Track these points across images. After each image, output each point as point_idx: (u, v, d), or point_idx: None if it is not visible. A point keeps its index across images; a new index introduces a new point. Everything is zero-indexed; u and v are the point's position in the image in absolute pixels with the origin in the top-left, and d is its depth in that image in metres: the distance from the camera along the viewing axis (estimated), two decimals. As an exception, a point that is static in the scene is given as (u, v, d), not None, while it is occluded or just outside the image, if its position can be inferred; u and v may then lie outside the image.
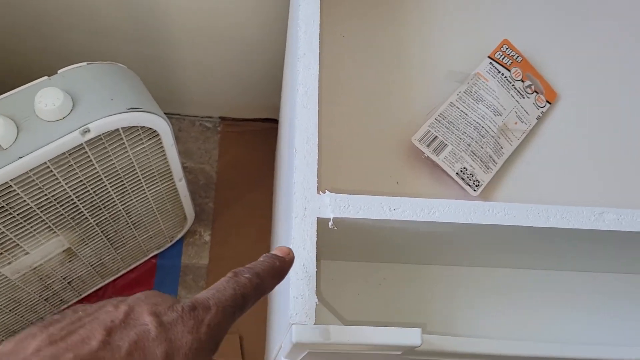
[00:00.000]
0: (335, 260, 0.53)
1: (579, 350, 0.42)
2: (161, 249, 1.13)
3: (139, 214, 0.91)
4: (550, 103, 0.61)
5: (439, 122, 0.57)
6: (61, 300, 0.97)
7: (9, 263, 0.73)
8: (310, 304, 0.37)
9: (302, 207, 0.40)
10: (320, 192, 0.41)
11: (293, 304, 0.37)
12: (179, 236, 1.10)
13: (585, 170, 0.58)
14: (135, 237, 1.00)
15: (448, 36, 0.63)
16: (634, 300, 0.56)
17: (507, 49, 0.61)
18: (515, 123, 0.59)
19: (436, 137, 0.56)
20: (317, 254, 0.39)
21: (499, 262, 0.54)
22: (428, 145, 0.56)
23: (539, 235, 0.44)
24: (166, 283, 1.13)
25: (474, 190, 0.55)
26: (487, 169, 0.56)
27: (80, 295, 1.02)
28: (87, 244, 0.86)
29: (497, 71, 0.60)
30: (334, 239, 0.47)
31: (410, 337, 0.38)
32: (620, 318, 0.54)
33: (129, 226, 0.94)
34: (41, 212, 0.69)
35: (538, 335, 0.54)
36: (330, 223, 0.40)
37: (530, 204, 0.42)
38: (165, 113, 0.72)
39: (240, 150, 1.23)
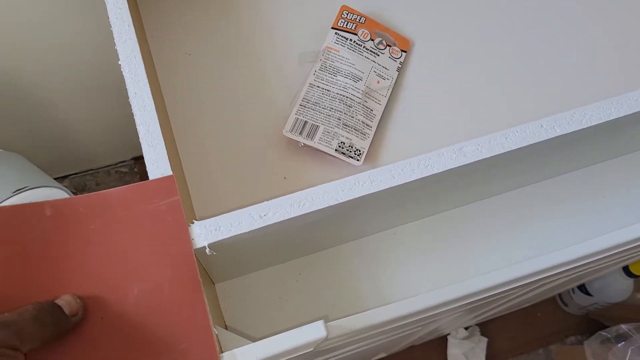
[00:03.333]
0: (247, 274, 0.53)
1: (478, 284, 0.43)
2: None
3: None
4: (405, 51, 0.62)
5: (304, 107, 0.57)
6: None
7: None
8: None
9: (175, 245, 0.40)
10: (189, 223, 0.41)
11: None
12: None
13: (453, 105, 0.60)
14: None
15: (289, 20, 0.63)
16: (525, 213, 0.58)
17: (347, 14, 0.61)
18: (378, 82, 0.59)
19: (306, 122, 0.56)
20: (213, 278, 0.39)
21: (400, 219, 0.55)
22: (300, 133, 0.56)
23: (415, 188, 0.45)
24: None
25: (358, 160, 0.56)
26: (364, 135, 0.57)
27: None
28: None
29: (344, 39, 0.60)
30: (228, 258, 0.47)
31: (314, 332, 0.39)
32: (509, 237, 0.56)
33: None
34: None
35: (465, 272, 0.55)
36: (207, 250, 0.40)
37: (392, 164, 0.43)
38: (76, 174, 0.71)
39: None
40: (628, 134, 0.54)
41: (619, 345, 0.91)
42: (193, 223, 0.41)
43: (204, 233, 0.41)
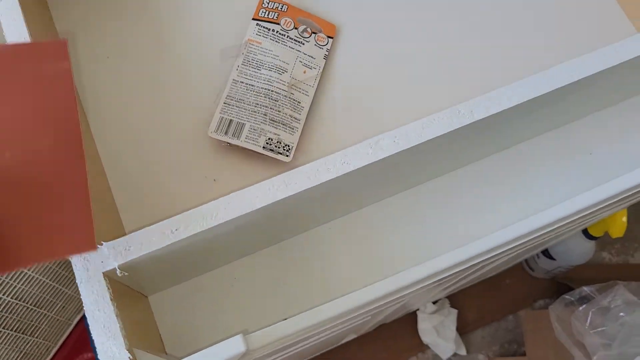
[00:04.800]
0: (180, 282, 0.52)
1: (420, 272, 0.42)
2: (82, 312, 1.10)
3: (35, 294, 0.87)
4: (332, 37, 0.60)
5: (229, 105, 0.55)
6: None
7: None
8: (123, 361, 0.36)
9: (84, 269, 0.39)
10: (98, 244, 0.39)
11: (106, 371, 0.36)
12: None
13: (385, 91, 0.58)
14: (46, 314, 0.97)
15: (208, 14, 0.61)
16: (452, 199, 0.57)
17: (269, 3, 0.59)
18: (304, 72, 0.57)
19: (231, 120, 0.54)
20: (144, 290, 0.37)
21: (330, 215, 0.54)
22: (226, 132, 0.54)
23: (335, 187, 0.44)
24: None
25: (287, 156, 0.54)
26: (292, 129, 0.55)
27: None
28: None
29: (266, 30, 0.58)
30: (149, 273, 0.45)
31: (232, 347, 0.38)
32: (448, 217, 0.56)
33: (31, 309, 0.90)
34: None
35: (412, 259, 0.54)
36: (117, 272, 0.39)
37: (306, 165, 0.42)
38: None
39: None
40: (546, 112, 0.53)
41: (581, 308, 0.92)
42: (102, 245, 0.39)
43: (113, 255, 0.39)
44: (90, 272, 0.39)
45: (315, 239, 0.54)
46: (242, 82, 0.56)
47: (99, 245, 0.39)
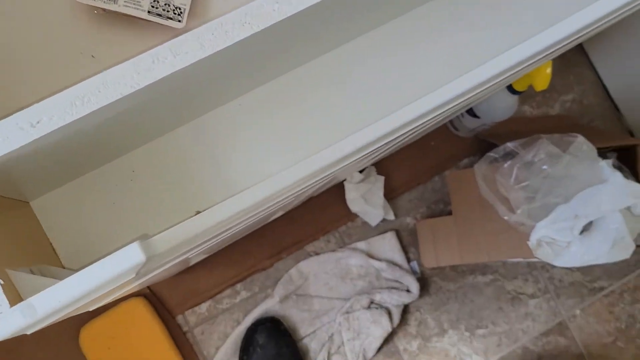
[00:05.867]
0: (70, 181, 0.44)
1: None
2: None
3: None
4: None
5: (98, -40, 0.44)
6: None
7: None
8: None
9: None
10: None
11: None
12: None
13: None
14: None
15: None
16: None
17: None
18: None
19: (103, -20, 0.44)
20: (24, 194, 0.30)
21: (238, 90, 0.46)
22: (99, -4, 0.43)
23: (237, 54, 0.36)
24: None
25: (179, 22, 0.45)
26: (182, -13, 0.45)
27: None
28: None
29: None
30: (25, 172, 0.37)
31: (129, 257, 0.31)
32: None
33: None
34: None
35: (335, 132, 0.49)
36: (-32, 182, 0.31)
37: (199, 28, 0.33)
38: None
39: None
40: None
41: (506, 165, 0.92)
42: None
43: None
44: None
45: (223, 118, 0.46)
46: None
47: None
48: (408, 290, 1.15)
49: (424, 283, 1.19)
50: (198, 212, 0.43)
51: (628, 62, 1.22)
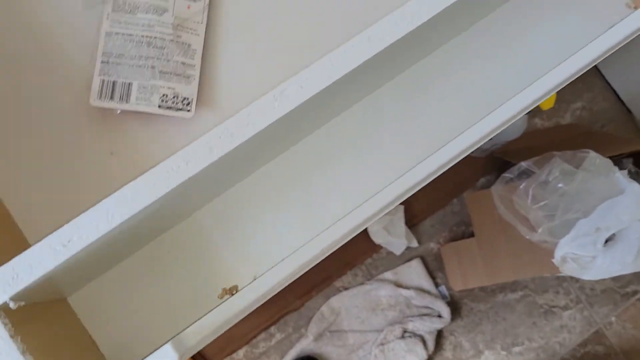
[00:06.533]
0: (97, 277, 0.47)
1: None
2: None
3: None
4: (212, -41, 0.51)
5: (107, 63, 0.47)
6: None
7: None
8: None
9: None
10: (-21, 279, 0.33)
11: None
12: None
13: (288, 14, 0.51)
14: None
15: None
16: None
17: None
18: (189, 7, 0.49)
19: (114, 82, 0.47)
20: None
21: (251, 169, 0.48)
22: (112, 97, 0.46)
23: (249, 145, 0.38)
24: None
25: (188, 112, 0.48)
26: (188, 78, 0.48)
27: None
28: None
29: (132, -37, 0.48)
30: (60, 281, 0.40)
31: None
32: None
33: None
34: None
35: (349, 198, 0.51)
36: (11, 305, 0.33)
37: (207, 135, 0.36)
38: None
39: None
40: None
41: (521, 186, 0.93)
42: (-17, 278, 0.33)
43: (1, 286, 0.33)
44: (-22, 310, 0.33)
45: (240, 198, 0.49)
46: (117, 34, 0.47)
47: (-21, 280, 0.33)
48: (440, 316, 1.15)
49: (455, 306, 1.19)
50: (224, 290, 0.45)
51: (635, 63, 1.22)
